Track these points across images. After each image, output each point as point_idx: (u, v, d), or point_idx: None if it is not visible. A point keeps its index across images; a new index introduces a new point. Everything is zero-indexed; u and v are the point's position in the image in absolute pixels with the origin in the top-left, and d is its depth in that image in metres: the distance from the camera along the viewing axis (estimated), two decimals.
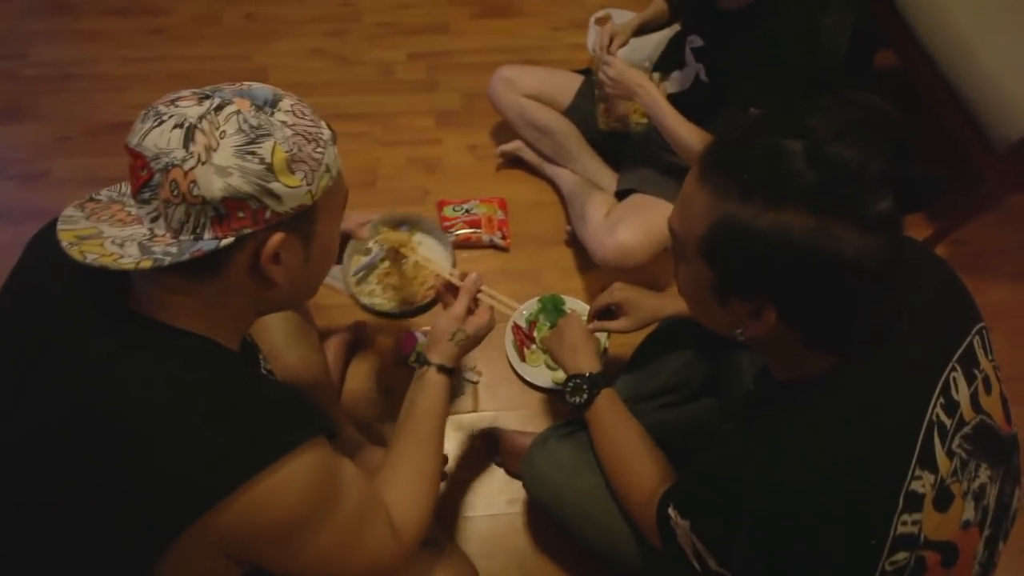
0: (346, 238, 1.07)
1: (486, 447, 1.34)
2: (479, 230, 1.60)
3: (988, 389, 0.69)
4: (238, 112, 0.58)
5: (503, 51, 2.08)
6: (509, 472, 1.31)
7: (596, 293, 1.55)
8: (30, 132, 1.85)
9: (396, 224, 1.18)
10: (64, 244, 0.57)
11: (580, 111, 1.60)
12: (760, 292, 0.62)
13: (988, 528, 0.67)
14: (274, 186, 0.58)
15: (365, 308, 1.09)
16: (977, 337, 0.70)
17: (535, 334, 1.47)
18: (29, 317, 0.66)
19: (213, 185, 0.56)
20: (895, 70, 1.78)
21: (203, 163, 0.56)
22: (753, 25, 1.21)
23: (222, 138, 0.57)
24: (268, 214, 0.59)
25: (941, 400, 0.64)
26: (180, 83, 2.07)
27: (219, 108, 0.58)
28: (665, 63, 1.50)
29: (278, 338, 1.10)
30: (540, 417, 1.39)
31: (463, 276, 0.99)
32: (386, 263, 1.15)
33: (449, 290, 0.99)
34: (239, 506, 0.56)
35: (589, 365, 1.03)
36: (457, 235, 1.60)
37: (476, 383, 1.43)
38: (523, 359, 1.44)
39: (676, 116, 1.29)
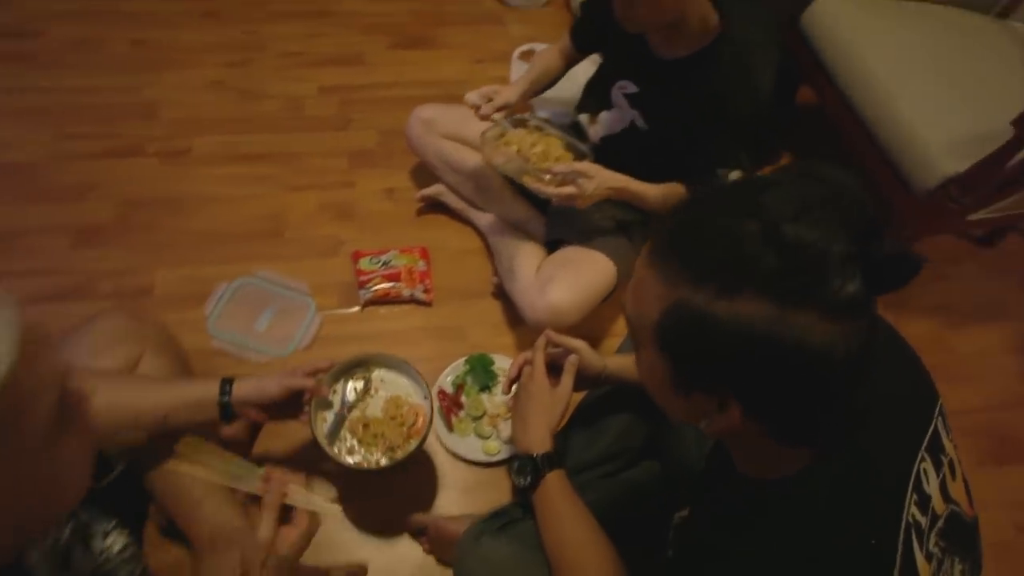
0: (297, 396, 1.00)
1: (413, 533, 1.21)
2: (399, 284, 1.48)
3: (953, 474, 0.66)
4: None
5: (422, 85, 1.97)
6: (440, 561, 1.18)
7: (526, 348, 1.46)
8: None
9: (349, 369, 1.13)
10: None
11: None
12: (722, 386, 0.56)
13: None
14: None
15: (351, 470, 1.05)
16: (940, 418, 0.67)
17: (463, 399, 1.35)
18: None
19: None
20: (817, 106, 1.80)
21: None
22: (695, 76, 1.17)
23: None
24: None
25: (915, 496, 0.60)
26: (45, 120, 1.84)
27: None
28: (589, 106, 1.44)
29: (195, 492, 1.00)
30: (472, 494, 1.27)
31: (267, 478, 0.83)
32: (356, 411, 1.11)
33: (255, 499, 0.84)
34: None
35: (538, 443, 0.93)
36: (375, 291, 1.47)
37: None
38: (450, 429, 1.32)
39: (644, 186, 1.25)
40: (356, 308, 1.48)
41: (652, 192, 1.26)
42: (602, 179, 1.20)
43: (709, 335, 0.52)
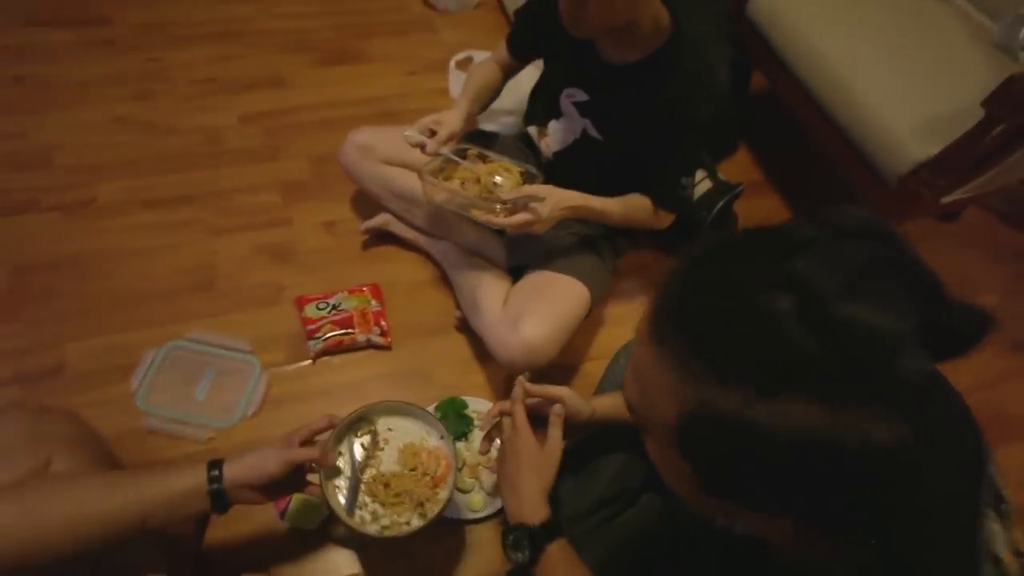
0: (299, 472, 0.90)
1: None
2: (352, 330, 1.33)
3: (1014, 519, 0.58)
4: None
5: (353, 103, 1.82)
6: None
7: (500, 386, 1.35)
8: None
9: (351, 425, 0.99)
10: None
11: None
12: (767, 500, 0.45)
13: None
14: None
15: (382, 540, 0.91)
16: (990, 461, 0.58)
17: None
18: None
19: None
20: (770, 91, 1.75)
21: None
22: (649, 80, 1.08)
23: None
24: None
25: (990, 569, 0.51)
26: None
27: None
28: (536, 117, 1.33)
29: None
30: (459, 557, 1.14)
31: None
32: (370, 470, 0.97)
33: None
34: None
35: (532, 512, 0.82)
36: (326, 341, 1.31)
37: None
38: None
39: (604, 202, 1.15)
40: (307, 361, 1.33)
41: (613, 207, 1.17)
42: (557, 199, 1.09)
43: (746, 443, 0.41)
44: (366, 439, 1.00)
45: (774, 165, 1.86)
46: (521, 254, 1.30)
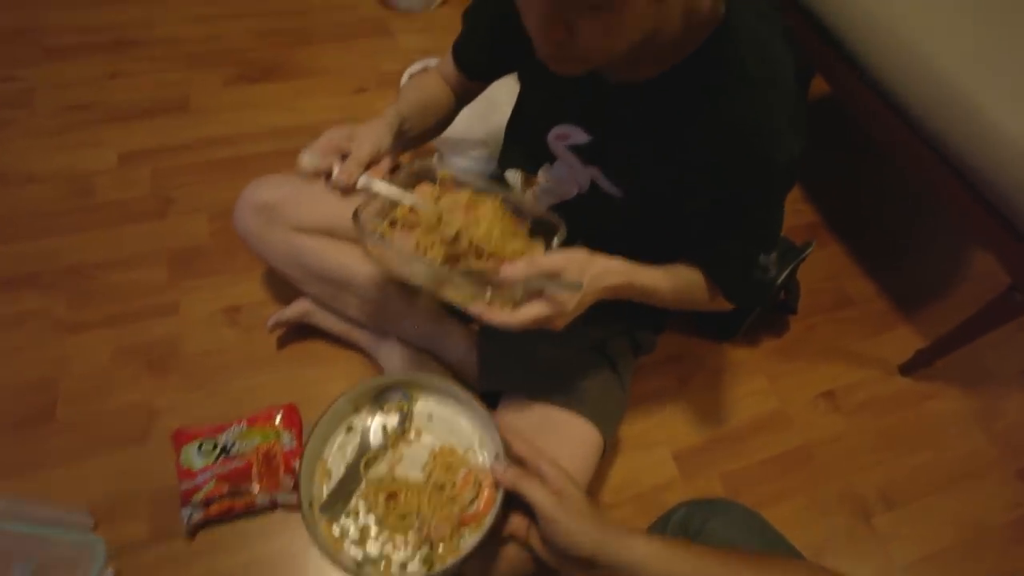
0: None
1: None
2: (248, 488, 0.89)
3: None
4: None
5: (278, 134, 1.38)
6: None
7: None
8: None
9: (381, 393, 0.71)
10: None
11: None
12: None
13: None
14: None
15: None
16: None
17: None
18: None
19: None
20: (828, 98, 1.33)
21: None
22: (687, 98, 0.64)
23: None
24: None
25: None
26: None
27: None
28: (516, 158, 0.88)
29: None
30: None
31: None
32: (380, 466, 0.68)
33: None
34: None
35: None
36: (207, 508, 0.88)
37: None
38: None
39: (652, 274, 0.73)
40: (179, 539, 0.89)
41: (664, 284, 0.74)
42: (596, 275, 0.65)
43: None
44: (393, 420, 0.70)
45: (832, 201, 1.43)
46: (499, 372, 0.86)
